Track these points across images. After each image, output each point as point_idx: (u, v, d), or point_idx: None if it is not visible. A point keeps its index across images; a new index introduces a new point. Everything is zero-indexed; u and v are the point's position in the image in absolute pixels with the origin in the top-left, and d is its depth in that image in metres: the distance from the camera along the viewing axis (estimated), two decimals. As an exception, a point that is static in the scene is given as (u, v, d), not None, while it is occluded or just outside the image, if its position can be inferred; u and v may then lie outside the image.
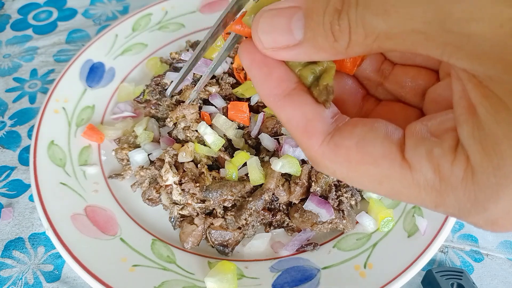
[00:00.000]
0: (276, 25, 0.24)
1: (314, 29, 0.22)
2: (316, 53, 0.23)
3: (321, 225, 0.53)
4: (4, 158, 0.68)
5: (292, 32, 0.23)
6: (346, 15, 0.21)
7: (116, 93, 0.72)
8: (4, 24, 0.91)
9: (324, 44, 0.22)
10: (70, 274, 0.55)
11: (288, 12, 0.23)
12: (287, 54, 0.24)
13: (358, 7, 0.21)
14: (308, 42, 0.23)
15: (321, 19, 0.22)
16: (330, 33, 0.22)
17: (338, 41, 0.22)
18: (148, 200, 0.59)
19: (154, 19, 0.82)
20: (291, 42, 0.23)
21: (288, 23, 0.23)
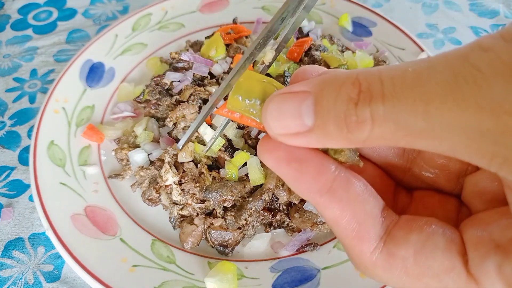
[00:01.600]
0: (285, 110, 0.22)
1: (324, 117, 0.21)
2: (328, 141, 0.22)
3: (321, 225, 0.53)
4: (4, 158, 0.68)
5: (302, 118, 0.22)
6: (367, 107, 0.19)
7: (116, 93, 0.72)
8: (4, 24, 0.91)
9: (336, 134, 0.21)
10: (70, 274, 0.55)
11: (298, 97, 0.22)
12: (298, 140, 0.23)
13: (386, 101, 0.19)
14: (319, 129, 0.21)
15: (332, 108, 0.21)
16: (342, 123, 0.20)
17: (353, 132, 0.20)
18: (148, 200, 0.59)
19: (154, 19, 0.82)
20: (301, 128, 0.22)
21: (298, 109, 0.22)
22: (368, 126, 0.20)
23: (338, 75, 0.21)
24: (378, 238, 0.23)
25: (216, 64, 0.66)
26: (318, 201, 0.23)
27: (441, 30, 0.88)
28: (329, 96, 0.21)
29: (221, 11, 0.85)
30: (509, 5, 0.93)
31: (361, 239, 0.23)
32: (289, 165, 0.24)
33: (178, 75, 0.66)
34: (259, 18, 0.81)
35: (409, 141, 0.19)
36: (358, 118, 0.20)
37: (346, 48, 0.77)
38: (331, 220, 0.24)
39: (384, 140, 0.20)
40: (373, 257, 0.23)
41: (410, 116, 0.18)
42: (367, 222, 0.23)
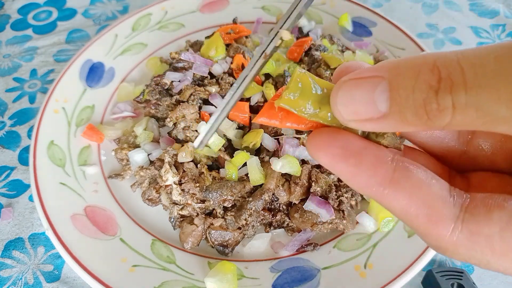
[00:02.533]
0: (357, 96, 0.22)
1: (401, 104, 0.21)
2: (403, 127, 0.21)
3: (321, 225, 0.53)
4: (4, 158, 0.68)
5: (375, 104, 0.21)
6: (448, 95, 0.19)
7: (116, 93, 0.72)
8: (4, 24, 0.91)
9: (414, 120, 0.21)
10: (70, 274, 0.55)
11: (370, 83, 0.22)
12: (371, 126, 0.22)
13: (469, 90, 0.19)
14: (394, 116, 0.21)
15: (410, 95, 0.20)
16: (422, 110, 0.20)
17: (433, 119, 0.20)
18: (148, 200, 0.59)
19: (154, 19, 0.82)
20: (374, 114, 0.22)
21: (371, 95, 0.21)
22: (449, 113, 0.20)
23: (413, 61, 0.21)
24: (455, 218, 0.22)
25: (216, 64, 0.66)
26: (381, 194, 0.23)
27: (441, 30, 0.88)
28: (407, 83, 0.20)
29: (221, 11, 0.85)
30: (509, 5, 0.93)
31: (436, 222, 0.22)
32: (346, 161, 0.23)
33: (178, 75, 0.66)
34: (259, 18, 0.81)
35: (489, 126, 0.20)
36: (439, 106, 0.20)
37: (346, 48, 0.77)
38: (399, 211, 0.23)
39: (464, 126, 0.20)
40: (453, 237, 0.22)
41: (494, 104, 0.19)
42: (438, 204, 0.23)
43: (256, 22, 0.81)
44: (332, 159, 0.23)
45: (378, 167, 0.23)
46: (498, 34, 0.87)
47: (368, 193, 0.23)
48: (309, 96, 0.25)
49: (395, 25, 0.77)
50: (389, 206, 0.23)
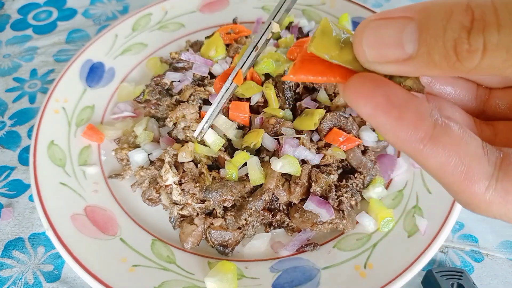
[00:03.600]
0: (384, 37, 0.21)
1: (430, 45, 0.20)
2: (429, 70, 0.21)
3: (321, 225, 0.53)
4: (4, 158, 0.68)
5: (402, 46, 0.21)
6: (481, 34, 0.19)
7: (116, 93, 0.72)
8: (4, 24, 0.91)
9: (442, 62, 0.20)
10: (70, 274, 0.55)
11: (398, 23, 0.21)
12: (395, 68, 0.22)
13: (502, 29, 0.19)
14: (422, 58, 0.21)
15: (441, 35, 0.20)
16: (452, 51, 0.20)
17: (462, 61, 0.20)
18: (148, 200, 0.59)
19: (154, 19, 0.82)
20: (400, 56, 0.21)
21: (399, 36, 0.21)
22: (479, 54, 0.19)
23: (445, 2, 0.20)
24: (489, 177, 0.22)
25: (216, 64, 0.66)
26: (419, 151, 0.23)
27: (441, 30, 0.88)
28: (438, 23, 0.20)
29: (221, 11, 0.85)
30: (509, 5, 0.93)
31: (472, 180, 0.22)
32: (389, 113, 0.22)
33: (178, 75, 0.66)
34: (259, 18, 0.81)
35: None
36: (471, 46, 0.19)
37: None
38: (436, 167, 0.23)
39: (491, 70, 0.20)
40: (487, 196, 0.22)
41: None
42: (474, 162, 0.22)
43: (256, 22, 0.81)
44: (375, 109, 0.22)
45: (420, 122, 0.22)
46: None
47: (406, 148, 0.23)
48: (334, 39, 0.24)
49: (395, 25, 0.77)
50: (424, 163, 0.23)
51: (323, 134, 0.58)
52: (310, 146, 0.57)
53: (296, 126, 0.58)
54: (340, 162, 0.59)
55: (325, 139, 0.58)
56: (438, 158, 0.23)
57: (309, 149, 0.56)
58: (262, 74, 0.65)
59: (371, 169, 0.58)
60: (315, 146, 0.58)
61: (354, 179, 0.57)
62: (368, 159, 0.58)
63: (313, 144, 0.57)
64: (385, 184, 0.59)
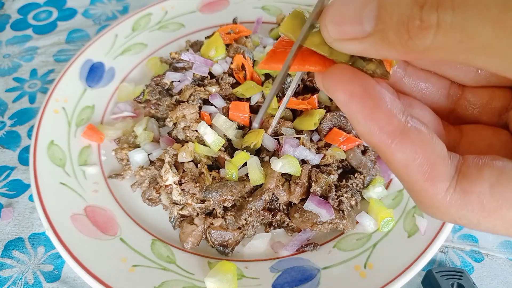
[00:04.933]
0: (346, 14, 0.22)
1: (385, 22, 0.20)
2: (385, 49, 0.21)
3: (321, 225, 0.53)
4: (4, 158, 0.68)
5: (362, 23, 0.21)
6: (434, 11, 0.18)
7: (116, 93, 0.72)
8: (4, 24, 0.91)
9: (395, 40, 0.20)
10: (70, 274, 0.55)
11: (361, 2, 0.21)
12: (354, 46, 0.22)
13: (457, 8, 0.18)
14: (378, 35, 0.21)
15: (395, 10, 0.20)
16: (404, 28, 0.19)
17: (414, 38, 0.19)
18: (148, 200, 0.59)
19: (154, 19, 0.82)
20: (359, 33, 0.21)
21: (360, 13, 0.21)
22: (431, 32, 0.19)
23: None
24: (450, 178, 0.23)
25: (216, 64, 0.66)
26: (388, 144, 0.23)
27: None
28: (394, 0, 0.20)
29: (221, 11, 0.85)
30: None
31: (434, 181, 0.23)
32: (364, 102, 0.22)
33: (178, 75, 0.66)
34: (259, 18, 0.81)
35: (468, 56, 0.19)
36: (423, 22, 0.19)
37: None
38: (401, 163, 0.23)
39: (444, 52, 0.19)
40: (447, 197, 0.23)
41: (479, 24, 0.18)
42: (439, 163, 0.23)
43: (256, 22, 0.81)
44: (351, 96, 0.23)
45: (392, 116, 0.23)
46: None
47: (374, 140, 0.23)
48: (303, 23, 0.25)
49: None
50: (390, 157, 0.23)
51: (323, 134, 0.58)
52: (310, 146, 0.57)
53: (296, 126, 0.58)
54: (340, 162, 0.59)
55: (325, 139, 0.58)
56: (405, 154, 0.23)
57: (309, 149, 0.56)
58: (262, 74, 0.65)
59: (371, 169, 0.58)
60: (315, 146, 0.58)
61: (354, 179, 0.57)
62: (368, 159, 0.58)
63: (313, 144, 0.57)
64: (385, 184, 0.59)
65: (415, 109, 0.29)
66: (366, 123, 0.23)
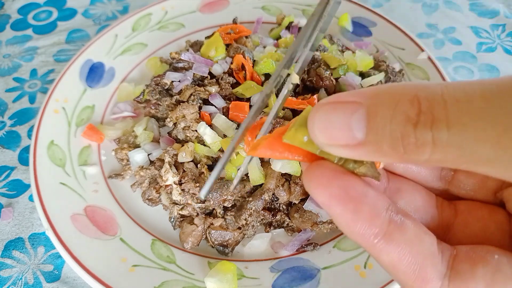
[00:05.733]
0: (334, 121, 0.21)
1: (378, 134, 0.20)
2: (380, 157, 0.21)
3: (321, 225, 0.53)
4: (4, 158, 0.68)
5: (351, 131, 0.20)
6: (428, 130, 0.18)
7: (116, 93, 0.72)
8: (4, 24, 0.91)
9: (390, 152, 0.20)
10: (70, 274, 0.55)
11: (347, 108, 0.21)
12: (347, 152, 0.21)
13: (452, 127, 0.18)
14: (371, 145, 0.20)
15: (387, 125, 0.19)
16: (399, 143, 0.19)
17: (410, 154, 0.19)
18: (148, 200, 0.59)
19: (154, 19, 0.82)
20: (351, 141, 0.21)
21: (347, 121, 0.20)
22: (428, 149, 0.19)
23: (394, 89, 0.20)
24: (442, 276, 0.22)
25: (216, 64, 0.66)
26: (373, 246, 0.22)
27: (441, 30, 0.88)
28: (384, 112, 0.19)
29: (221, 11, 0.85)
30: (509, 5, 0.93)
31: (424, 280, 0.22)
32: (345, 206, 0.22)
33: (178, 75, 0.66)
34: (259, 18, 0.81)
35: (471, 166, 0.19)
36: (417, 141, 0.19)
37: (346, 48, 0.77)
38: (388, 264, 0.22)
39: (444, 163, 0.19)
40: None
41: (478, 145, 0.17)
42: (427, 261, 0.22)
43: (256, 22, 0.81)
44: (331, 199, 0.22)
45: (375, 218, 0.22)
46: (498, 34, 0.87)
47: (360, 242, 0.23)
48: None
49: (395, 25, 0.77)
50: (378, 258, 0.23)
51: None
52: (310, 146, 0.57)
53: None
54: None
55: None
56: (391, 256, 0.22)
57: (309, 149, 0.56)
58: (262, 74, 0.65)
59: (371, 169, 0.58)
60: (315, 146, 0.57)
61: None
62: (368, 159, 0.58)
63: (313, 144, 0.57)
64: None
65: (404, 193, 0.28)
66: (348, 226, 0.22)
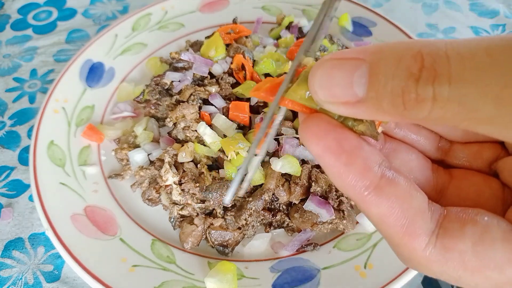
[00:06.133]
0: (335, 78, 0.21)
1: (379, 90, 0.19)
2: (379, 115, 0.20)
3: (321, 225, 0.53)
4: (4, 158, 0.68)
5: (352, 88, 0.20)
6: (430, 85, 0.18)
7: (115, 93, 0.72)
8: (4, 24, 0.91)
9: (390, 109, 0.20)
10: (70, 274, 0.55)
11: (350, 65, 0.20)
12: (346, 110, 0.21)
13: (453, 82, 0.18)
14: (371, 102, 0.20)
15: (389, 82, 0.19)
16: (399, 100, 0.19)
17: (410, 110, 0.19)
18: (148, 200, 0.59)
19: (154, 19, 0.82)
20: (351, 98, 0.20)
21: (350, 77, 0.20)
22: (428, 105, 0.18)
23: (397, 45, 0.20)
24: (430, 233, 0.22)
25: (216, 64, 0.66)
26: (363, 198, 0.22)
27: (441, 30, 0.88)
28: (387, 68, 0.19)
29: (221, 11, 0.85)
30: (509, 5, 0.93)
31: (412, 235, 0.22)
32: (338, 157, 0.22)
33: (178, 75, 0.66)
34: (259, 18, 0.81)
35: (471, 125, 0.18)
36: (418, 96, 0.18)
37: (346, 48, 0.77)
38: (377, 217, 0.23)
39: (443, 121, 0.19)
40: (426, 252, 0.22)
41: (479, 101, 0.17)
42: (417, 217, 0.22)
43: (256, 22, 0.81)
44: (324, 150, 0.22)
45: (367, 170, 0.22)
46: (498, 34, 0.87)
47: (350, 193, 0.23)
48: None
49: (395, 25, 0.77)
50: (367, 211, 0.23)
51: (323, 134, 0.58)
52: (310, 146, 0.57)
53: (296, 126, 0.58)
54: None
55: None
56: (380, 208, 0.22)
57: (309, 149, 0.56)
58: (262, 74, 0.65)
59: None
60: (315, 146, 0.57)
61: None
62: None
63: (313, 144, 0.57)
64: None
65: (400, 153, 0.28)
66: (340, 178, 0.22)
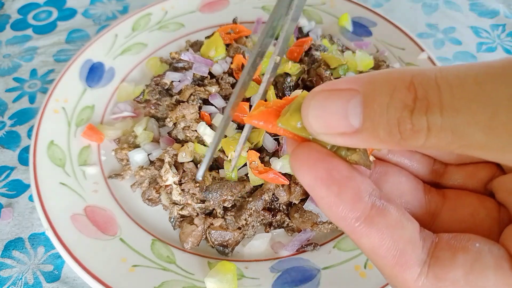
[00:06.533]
0: (329, 109, 0.21)
1: (375, 121, 0.20)
2: (376, 144, 0.21)
3: (321, 225, 0.53)
4: (4, 158, 0.68)
5: (348, 119, 0.20)
6: (423, 116, 0.18)
7: (116, 93, 0.72)
8: (4, 24, 0.91)
9: (387, 139, 0.20)
10: (70, 274, 0.55)
11: (343, 95, 0.20)
12: (343, 140, 0.21)
13: (445, 112, 0.18)
14: (367, 132, 0.20)
15: (384, 112, 0.19)
16: (396, 129, 0.19)
17: (406, 140, 0.19)
18: (148, 200, 0.59)
19: (154, 19, 0.82)
20: (347, 129, 0.21)
21: (344, 108, 0.20)
22: (423, 135, 0.19)
23: (390, 76, 0.20)
24: (422, 263, 0.22)
25: (216, 64, 0.66)
26: (354, 230, 0.22)
27: (441, 30, 0.88)
28: (381, 100, 0.19)
29: (221, 11, 0.85)
30: (509, 5, 0.93)
31: (404, 266, 0.22)
32: (328, 188, 0.22)
33: (178, 75, 0.66)
34: (259, 18, 0.81)
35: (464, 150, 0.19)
36: (414, 126, 0.19)
37: (346, 48, 0.77)
38: (369, 248, 0.23)
39: (438, 148, 0.19)
40: (418, 283, 0.22)
41: (470, 129, 0.18)
42: (408, 247, 0.22)
43: (256, 22, 0.81)
44: (315, 181, 0.22)
45: (357, 201, 0.22)
46: (498, 34, 0.87)
47: (341, 225, 0.23)
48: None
49: (395, 25, 0.77)
50: (358, 242, 0.23)
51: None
52: (310, 146, 0.57)
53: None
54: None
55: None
56: (371, 239, 0.22)
57: (309, 149, 0.56)
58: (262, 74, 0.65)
59: (371, 169, 0.58)
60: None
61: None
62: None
63: (313, 144, 0.57)
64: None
65: (391, 176, 0.28)
66: (331, 209, 0.22)
